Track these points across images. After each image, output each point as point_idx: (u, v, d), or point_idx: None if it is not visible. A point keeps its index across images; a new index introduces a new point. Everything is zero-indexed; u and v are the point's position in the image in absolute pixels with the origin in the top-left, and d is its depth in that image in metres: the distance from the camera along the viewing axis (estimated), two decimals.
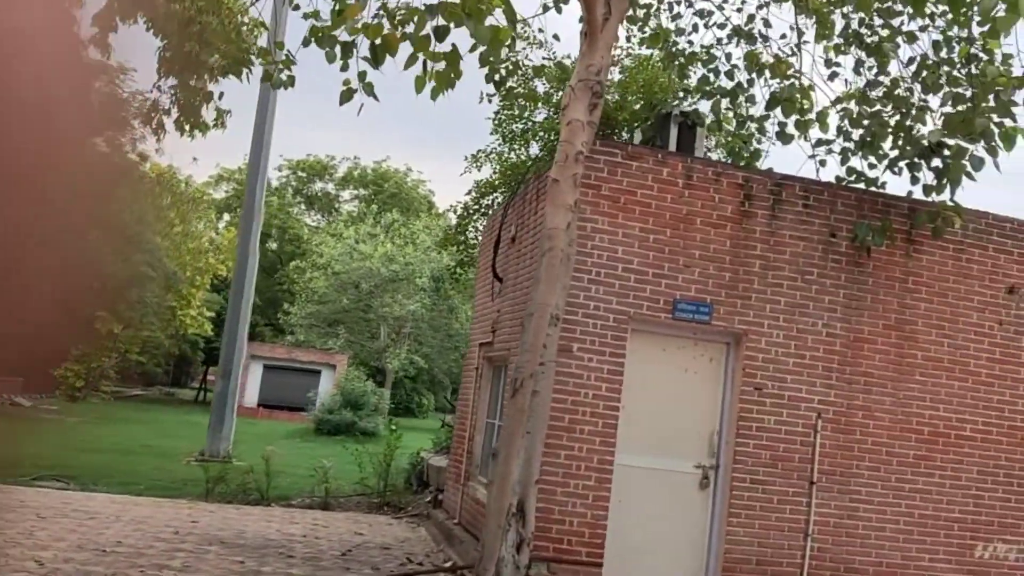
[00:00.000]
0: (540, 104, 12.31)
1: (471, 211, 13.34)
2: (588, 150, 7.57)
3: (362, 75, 8.42)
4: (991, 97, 6.93)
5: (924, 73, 8.30)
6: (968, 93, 7.20)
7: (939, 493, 8.38)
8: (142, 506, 10.54)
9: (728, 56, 9.79)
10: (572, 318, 7.72)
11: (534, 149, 12.91)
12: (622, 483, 7.82)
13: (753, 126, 9.45)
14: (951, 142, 7.34)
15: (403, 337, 39.53)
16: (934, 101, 8.33)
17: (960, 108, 7.24)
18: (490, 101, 13.19)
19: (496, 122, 13.07)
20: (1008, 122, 7.80)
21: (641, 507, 7.90)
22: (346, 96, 8.59)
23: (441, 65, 6.23)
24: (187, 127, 9.99)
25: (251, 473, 11.93)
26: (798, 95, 8.45)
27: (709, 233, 8.11)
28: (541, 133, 12.38)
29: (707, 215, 8.12)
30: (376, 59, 6.34)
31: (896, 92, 8.09)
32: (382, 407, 29.57)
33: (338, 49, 8.43)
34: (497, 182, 12.79)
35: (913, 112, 8.28)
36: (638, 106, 10.64)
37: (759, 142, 9.47)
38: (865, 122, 8.17)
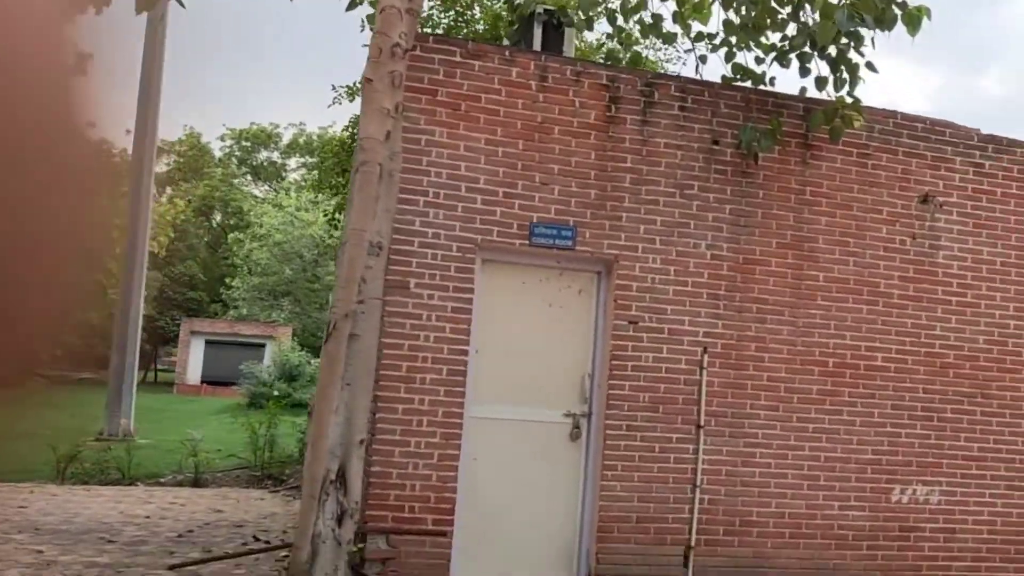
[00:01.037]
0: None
1: (348, 148, 12.04)
2: (409, 43, 6.38)
3: None
4: None
5: None
6: None
7: (848, 432, 7.35)
8: None
9: None
10: (406, 248, 6.54)
11: None
12: (476, 438, 6.71)
13: (634, 26, 8.22)
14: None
15: None
16: None
17: None
18: (372, 28, 11.88)
19: None
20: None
21: (500, 465, 6.80)
22: (147, 3, 7.40)
23: None
24: None
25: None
26: None
27: (570, 144, 6.93)
28: None
29: (567, 123, 6.94)
30: None
31: None
32: None
33: None
34: None
35: None
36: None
37: (637, 43, 8.25)
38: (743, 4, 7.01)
